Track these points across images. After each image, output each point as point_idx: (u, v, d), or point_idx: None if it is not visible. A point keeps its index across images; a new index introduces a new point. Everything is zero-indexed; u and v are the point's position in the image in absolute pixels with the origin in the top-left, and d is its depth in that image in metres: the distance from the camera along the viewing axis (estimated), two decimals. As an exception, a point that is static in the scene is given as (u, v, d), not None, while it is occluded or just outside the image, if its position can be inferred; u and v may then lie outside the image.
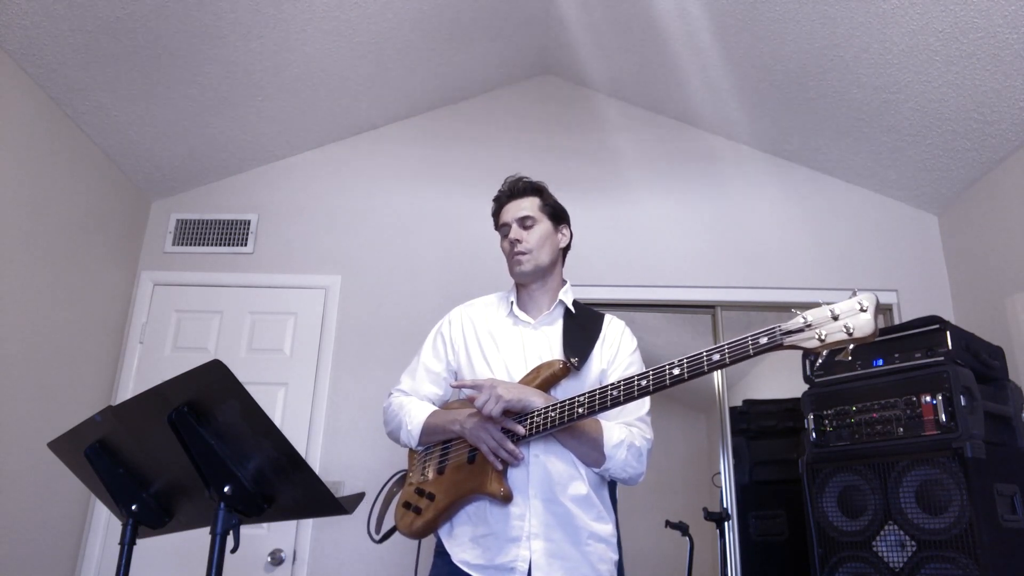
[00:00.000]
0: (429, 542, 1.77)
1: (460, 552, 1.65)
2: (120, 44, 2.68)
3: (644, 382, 1.49)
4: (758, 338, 1.37)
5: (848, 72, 2.89)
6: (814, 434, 2.48)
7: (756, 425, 3.24)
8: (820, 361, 1.38)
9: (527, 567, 1.58)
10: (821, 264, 3.37)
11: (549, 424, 1.57)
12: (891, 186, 3.41)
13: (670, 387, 1.47)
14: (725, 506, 3.04)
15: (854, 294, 1.33)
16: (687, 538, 2.71)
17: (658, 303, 3.39)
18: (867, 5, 2.57)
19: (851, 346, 1.31)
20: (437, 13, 3.05)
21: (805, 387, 2.59)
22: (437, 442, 1.77)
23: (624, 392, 1.51)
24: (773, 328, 1.37)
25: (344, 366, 3.25)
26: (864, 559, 2.23)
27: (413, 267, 3.40)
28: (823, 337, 1.33)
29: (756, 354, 1.37)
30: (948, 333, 2.32)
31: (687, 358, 1.45)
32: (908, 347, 2.39)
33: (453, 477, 1.69)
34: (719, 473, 3.11)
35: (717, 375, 3.24)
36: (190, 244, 3.48)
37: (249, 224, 3.50)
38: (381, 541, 1.84)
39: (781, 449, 3.18)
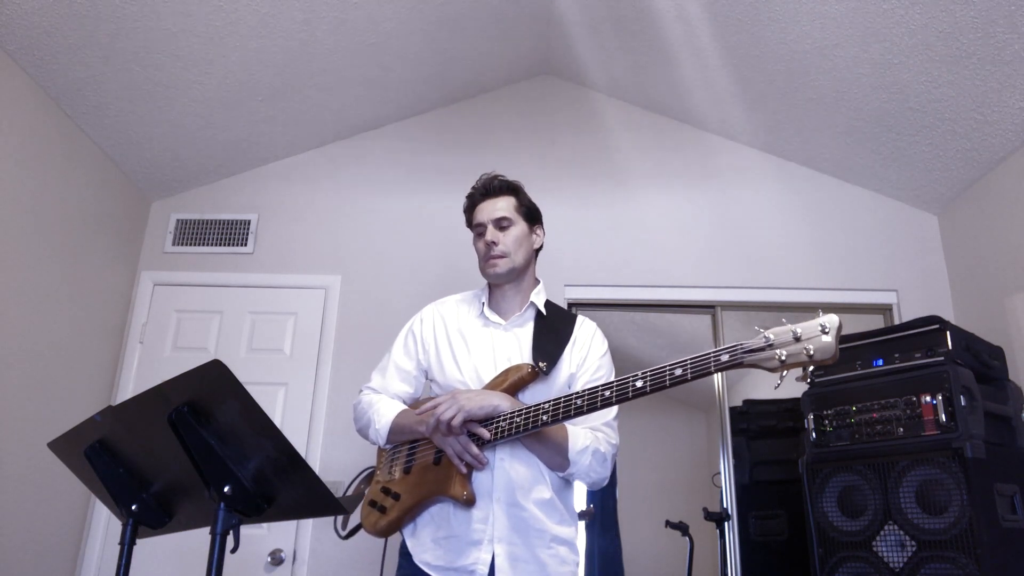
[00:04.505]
0: (396, 541, 1.77)
1: (421, 553, 1.66)
2: (120, 44, 2.68)
3: (608, 393, 1.50)
4: (720, 355, 1.39)
5: (848, 72, 2.89)
6: (814, 434, 2.48)
7: (756, 425, 3.24)
8: (779, 383, 1.38)
9: (487, 570, 1.58)
10: (821, 264, 3.37)
11: (514, 430, 1.57)
12: (891, 186, 3.41)
13: (632, 399, 1.48)
14: (725, 506, 3.04)
15: (819, 314, 1.34)
16: (687, 538, 2.71)
17: (658, 303, 3.39)
18: (867, 5, 2.57)
19: (810, 368, 1.33)
20: (437, 13, 3.05)
21: (805, 387, 2.59)
22: (405, 441, 1.77)
23: (588, 402, 1.52)
24: (735, 346, 1.39)
25: (344, 366, 3.25)
26: (864, 559, 2.23)
27: (413, 267, 3.40)
28: (783, 358, 1.34)
29: (717, 371, 1.40)
30: (948, 333, 2.32)
31: (651, 371, 1.46)
32: (908, 347, 2.39)
33: (418, 478, 1.69)
34: (719, 473, 3.11)
35: (717, 374, 3.24)
36: (190, 244, 3.48)
37: (249, 224, 3.50)
38: (347, 538, 1.85)
39: (781, 449, 3.18)
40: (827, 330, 1.31)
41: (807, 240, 3.42)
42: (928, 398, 2.23)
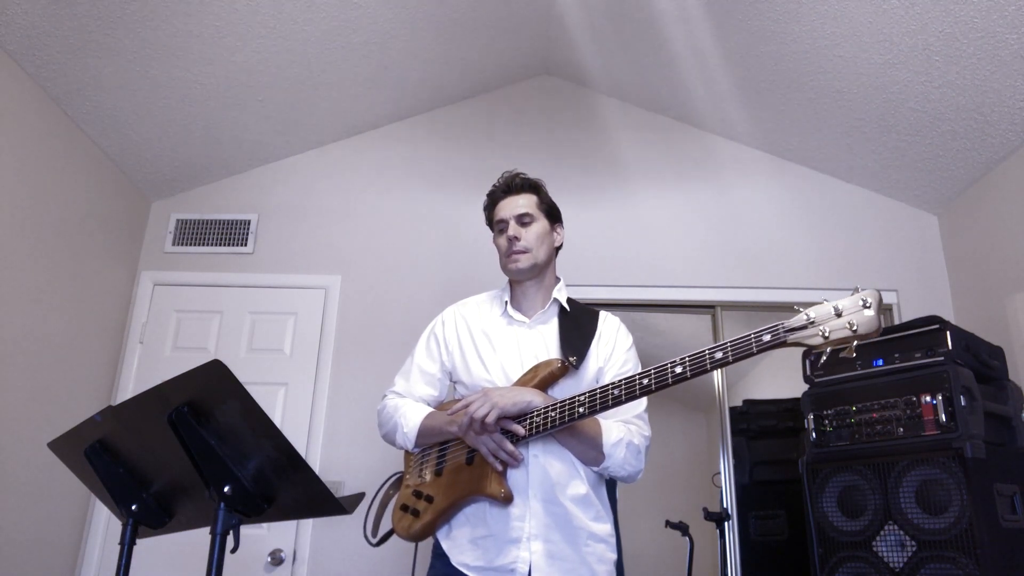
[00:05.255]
0: (426, 543, 1.77)
1: (459, 554, 1.64)
2: (120, 44, 2.68)
3: (646, 381, 1.48)
4: (761, 335, 1.37)
5: (848, 72, 2.89)
6: (814, 434, 2.48)
7: (756, 425, 3.24)
8: (824, 358, 1.38)
9: (527, 568, 1.57)
10: (821, 264, 3.37)
11: (549, 424, 1.56)
12: (891, 186, 3.41)
13: (672, 385, 1.46)
14: (725, 506, 3.04)
15: (856, 291, 1.33)
16: (687, 538, 2.71)
17: (658, 303, 3.39)
18: (867, 5, 2.57)
19: (855, 343, 1.31)
20: (437, 13, 3.05)
21: (805, 387, 2.59)
22: (434, 444, 1.76)
23: (626, 391, 1.50)
24: (776, 325, 1.37)
25: (344, 366, 3.25)
26: (864, 559, 2.23)
27: (413, 267, 3.40)
28: (827, 334, 1.32)
29: (760, 351, 1.37)
30: (948, 333, 2.32)
31: (689, 356, 1.44)
32: (908, 347, 2.39)
33: (452, 479, 1.67)
34: (719, 473, 3.11)
35: (717, 375, 3.24)
36: (190, 244, 3.48)
37: (249, 224, 3.50)
38: (378, 544, 1.84)
39: (781, 449, 3.18)
40: (868, 304, 1.30)
41: (807, 240, 3.42)
42: (928, 398, 2.23)
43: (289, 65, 3.04)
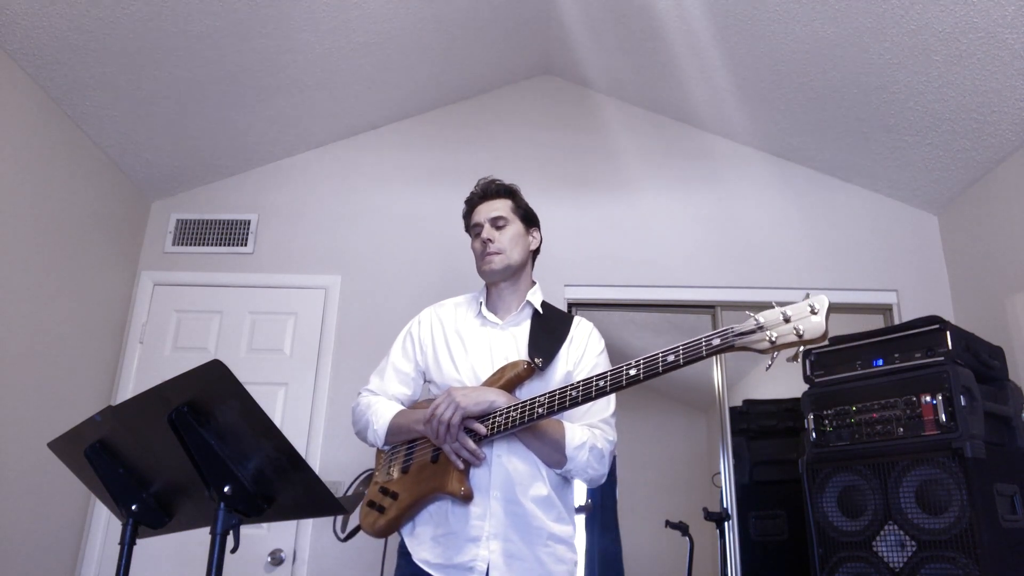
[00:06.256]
0: (397, 541, 1.77)
1: (421, 551, 1.66)
2: (120, 44, 2.68)
3: (602, 383, 1.51)
4: (711, 339, 1.41)
5: (848, 72, 2.89)
6: (814, 434, 2.48)
7: (756, 425, 3.24)
8: (770, 364, 1.40)
9: (485, 567, 1.59)
10: (821, 264, 3.37)
11: (510, 424, 1.58)
12: (891, 186, 3.41)
13: (626, 388, 1.50)
14: (725, 506, 3.04)
15: (807, 296, 1.35)
16: (687, 538, 2.72)
17: (658, 303, 3.39)
18: (867, 5, 2.57)
19: (801, 348, 1.35)
20: (437, 13, 3.05)
21: (805, 387, 2.59)
22: (403, 441, 1.78)
23: (583, 393, 1.53)
24: (726, 329, 1.41)
25: (344, 366, 3.25)
26: (864, 559, 2.23)
27: (413, 267, 3.40)
28: (774, 339, 1.36)
29: (709, 355, 1.42)
30: (948, 333, 2.32)
31: (643, 359, 1.48)
32: (908, 347, 2.39)
33: (417, 476, 1.70)
34: (719, 473, 3.11)
35: (717, 375, 3.25)
36: (190, 244, 3.48)
37: (249, 224, 3.50)
38: (346, 540, 1.86)
39: (781, 449, 3.18)
40: (816, 310, 1.33)
41: (807, 240, 3.42)
42: (928, 398, 2.23)
43: (289, 65, 3.04)
